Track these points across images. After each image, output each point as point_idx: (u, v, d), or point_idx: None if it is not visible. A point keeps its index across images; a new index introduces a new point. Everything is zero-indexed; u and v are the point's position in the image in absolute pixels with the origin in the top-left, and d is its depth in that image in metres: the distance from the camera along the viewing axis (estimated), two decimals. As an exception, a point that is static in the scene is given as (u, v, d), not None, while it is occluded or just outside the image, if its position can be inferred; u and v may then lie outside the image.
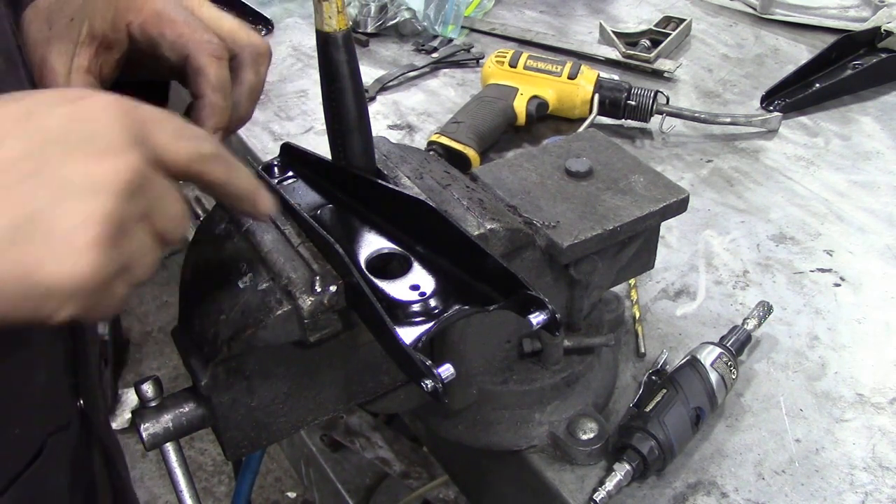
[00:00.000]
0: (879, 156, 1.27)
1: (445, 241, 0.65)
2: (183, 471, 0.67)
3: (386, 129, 1.37)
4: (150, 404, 0.66)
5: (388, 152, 0.77)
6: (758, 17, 1.67)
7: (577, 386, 0.84)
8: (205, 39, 0.60)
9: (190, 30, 0.60)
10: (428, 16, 1.60)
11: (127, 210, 0.44)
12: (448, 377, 0.54)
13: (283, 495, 2.29)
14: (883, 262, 1.06)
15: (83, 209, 0.42)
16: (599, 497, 0.76)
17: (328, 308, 0.61)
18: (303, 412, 0.71)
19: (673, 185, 0.80)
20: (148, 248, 0.46)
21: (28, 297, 0.42)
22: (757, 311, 0.93)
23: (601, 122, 1.34)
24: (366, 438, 1.67)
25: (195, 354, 0.64)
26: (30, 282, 0.41)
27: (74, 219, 0.42)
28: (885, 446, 0.82)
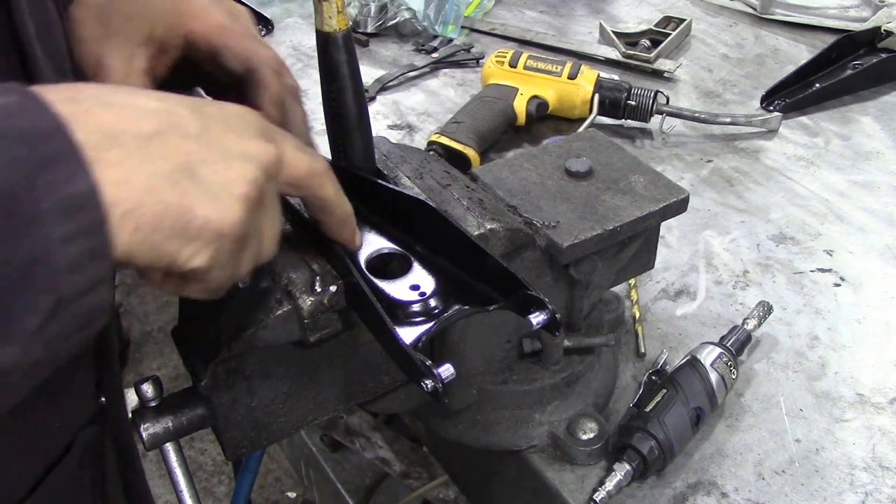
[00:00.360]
0: (879, 156, 1.27)
1: (445, 241, 0.65)
2: (183, 471, 0.67)
3: (386, 129, 1.37)
4: (150, 404, 0.66)
5: (388, 152, 0.77)
6: (758, 17, 1.67)
7: (577, 386, 0.84)
8: (269, 55, 0.63)
9: (254, 44, 0.63)
10: (428, 16, 1.60)
11: (265, 186, 0.50)
12: (448, 377, 0.54)
13: (283, 495, 2.29)
14: (883, 262, 1.06)
15: (237, 168, 0.48)
16: (599, 497, 0.76)
17: (328, 308, 0.61)
18: (303, 412, 0.71)
19: (673, 185, 0.80)
20: (266, 235, 0.52)
21: (178, 233, 0.45)
22: (757, 311, 0.93)
23: (601, 122, 1.34)
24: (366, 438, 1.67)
25: (195, 354, 0.64)
26: (184, 220, 0.45)
27: (230, 174, 0.47)
28: (885, 446, 0.82)
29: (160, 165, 0.45)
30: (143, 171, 0.44)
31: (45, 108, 0.42)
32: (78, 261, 0.42)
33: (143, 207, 0.44)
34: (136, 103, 0.47)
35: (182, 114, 0.48)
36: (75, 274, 0.42)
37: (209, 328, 0.63)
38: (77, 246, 0.41)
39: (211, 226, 0.46)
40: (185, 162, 0.46)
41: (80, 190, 0.42)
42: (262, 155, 0.50)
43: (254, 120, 0.52)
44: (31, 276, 0.40)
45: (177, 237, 0.45)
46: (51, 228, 0.41)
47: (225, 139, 0.49)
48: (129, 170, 0.44)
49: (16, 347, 0.41)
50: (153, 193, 0.44)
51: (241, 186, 0.48)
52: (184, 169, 0.46)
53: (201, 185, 0.46)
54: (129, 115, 0.46)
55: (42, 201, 0.40)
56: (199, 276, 0.49)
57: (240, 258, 0.50)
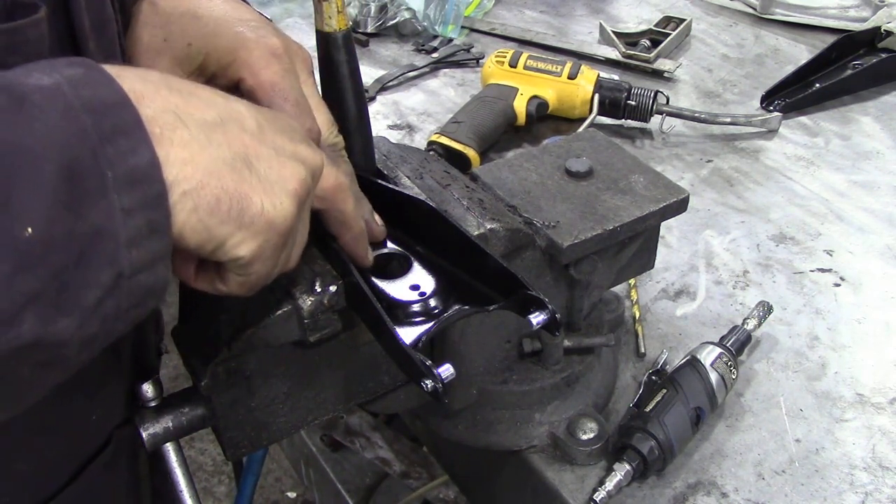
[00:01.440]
0: (879, 156, 1.27)
1: (445, 241, 0.65)
2: (183, 471, 0.67)
3: (386, 129, 1.37)
4: (150, 404, 0.66)
5: (388, 152, 0.77)
6: (758, 17, 1.67)
7: (577, 386, 0.84)
8: (306, 128, 0.61)
9: (297, 112, 0.61)
10: (428, 16, 1.60)
11: (310, 186, 0.52)
12: (448, 377, 0.54)
13: (283, 495, 2.29)
14: (883, 262, 1.06)
15: (290, 166, 0.50)
16: (599, 497, 0.76)
17: (328, 308, 0.61)
18: (303, 412, 0.70)
19: (673, 185, 0.80)
20: (298, 241, 0.54)
21: (233, 219, 0.47)
22: (757, 311, 0.93)
23: (601, 122, 1.34)
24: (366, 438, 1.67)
25: (195, 354, 0.64)
26: (240, 206, 0.47)
27: (284, 171, 0.50)
28: (885, 446, 0.82)
29: (222, 151, 0.47)
30: (206, 155, 0.46)
31: (111, 80, 0.43)
32: (138, 234, 0.42)
33: (205, 189, 0.45)
34: (200, 93, 0.49)
35: (241, 110, 0.50)
36: (135, 248, 0.42)
37: (209, 328, 0.63)
38: (138, 218, 0.42)
39: (264, 216, 0.48)
40: (244, 152, 0.48)
41: (143, 162, 0.42)
42: (310, 159, 0.52)
43: (299, 128, 0.56)
44: (93, 248, 0.41)
45: (231, 222, 0.47)
46: (113, 200, 0.41)
47: (278, 139, 0.51)
48: (194, 151, 0.45)
49: (74, 320, 0.41)
50: (215, 177, 0.46)
51: (293, 183, 0.50)
52: (243, 158, 0.48)
53: (258, 176, 0.48)
54: (195, 102, 0.47)
55: (106, 172, 0.41)
56: (240, 267, 0.50)
57: (279, 256, 0.51)
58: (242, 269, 0.50)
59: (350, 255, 0.62)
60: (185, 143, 0.45)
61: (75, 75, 0.42)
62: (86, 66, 0.43)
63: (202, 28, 0.63)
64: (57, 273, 0.39)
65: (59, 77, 0.41)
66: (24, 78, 0.41)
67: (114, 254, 0.41)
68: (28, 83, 0.41)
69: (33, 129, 0.39)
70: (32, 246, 0.38)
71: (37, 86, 0.41)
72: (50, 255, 0.39)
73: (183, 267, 0.52)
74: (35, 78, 0.41)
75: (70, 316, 0.41)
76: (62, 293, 0.40)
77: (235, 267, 0.50)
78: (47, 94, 0.40)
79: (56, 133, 0.40)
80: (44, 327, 0.40)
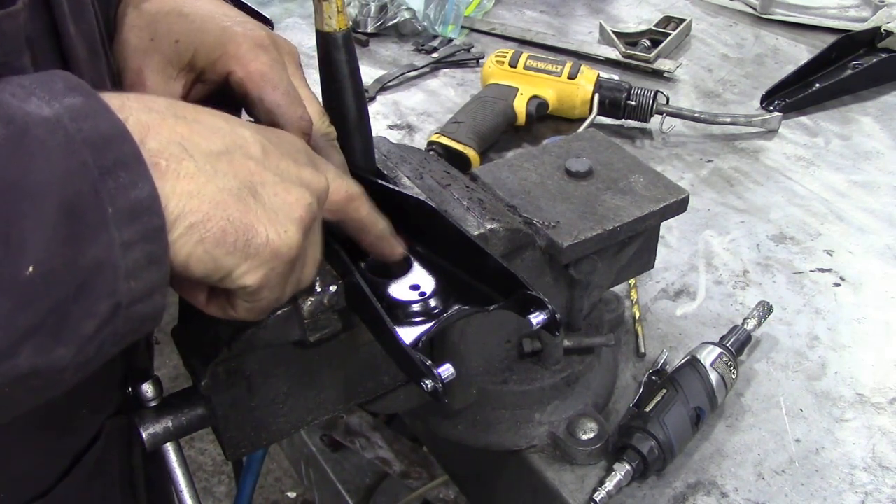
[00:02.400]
0: (879, 156, 1.27)
1: (445, 241, 0.65)
2: (183, 471, 0.67)
3: (386, 129, 1.37)
4: (150, 404, 0.66)
5: (388, 152, 0.77)
6: (758, 17, 1.67)
7: (577, 386, 0.84)
8: (297, 115, 0.61)
9: (287, 101, 0.61)
10: (428, 16, 1.60)
11: (316, 211, 0.52)
12: (448, 377, 0.54)
13: (283, 495, 2.29)
14: (883, 262, 1.06)
15: (295, 192, 0.50)
16: (599, 497, 0.76)
17: (328, 308, 0.61)
18: (303, 412, 0.70)
19: (673, 185, 0.80)
20: (310, 260, 0.54)
21: (239, 250, 0.47)
22: (757, 311, 0.93)
23: (601, 122, 1.34)
24: (366, 438, 1.67)
25: (195, 354, 0.64)
26: (246, 237, 0.47)
27: (289, 197, 0.50)
28: (885, 446, 0.82)
29: (228, 182, 0.47)
30: (212, 186, 0.46)
31: (109, 111, 0.43)
32: (137, 266, 0.42)
33: (211, 221, 0.45)
34: (205, 119, 0.49)
35: (245, 135, 0.50)
36: (133, 280, 0.42)
37: (209, 328, 0.63)
38: (137, 251, 0.42)
39: (270, 245, 0.48)
40: (250, 181, 0.48)
41: (143, 195, 0.42)
42: (315, 182, 0.52)
43: (304, 148, 0.55)
44: (92, 281, 0.41)
45: (237, 253, 0.47)
46: (113, 234, 0.41)
47: (282, 163, 0.51)
48: (200, 183, 0.45)
49: (71, 349, 0.41)
50: (220, 208, 0.46)
51: (299, 210, 0.50)
52: (249, 188, 0.48)
53: (263, 206, 0.48)
54: (201, 131, 0.47)
55: (106, 207, 0.41)
56: (248, 295, 0.50)
57: (287, 281, 0.52)
58: (251, 296, 0.50)
59: (378, 256, 0.63)
60: (191, 175, 0.45)
61: (75, 105, 0.42)
62: (84, 94, 0.43)
63: (188, 25, 0.63)
64: (56, 307, 0.40)
65: (59, 107, 0.41)
66: (24, 105, 0.41)
67: (113, 286, 0.42)
68: (29, 113, 0.40)
69: (35, 165, 0.39)
70: (33, 283, 0.39)
71: (38, 117, 0.40)
72: (50, 291, 0.40)
73: (194, 294, 0.52)
74: (35, 105, 0.41)
75: (67, 346, 0.41)
76: (61, 325, 0.41)
77: (244, 294, 0.50)
78: (48, 128, 0.40)
79: (57, 169, 0.40)
80: (41, 357, 0.40)
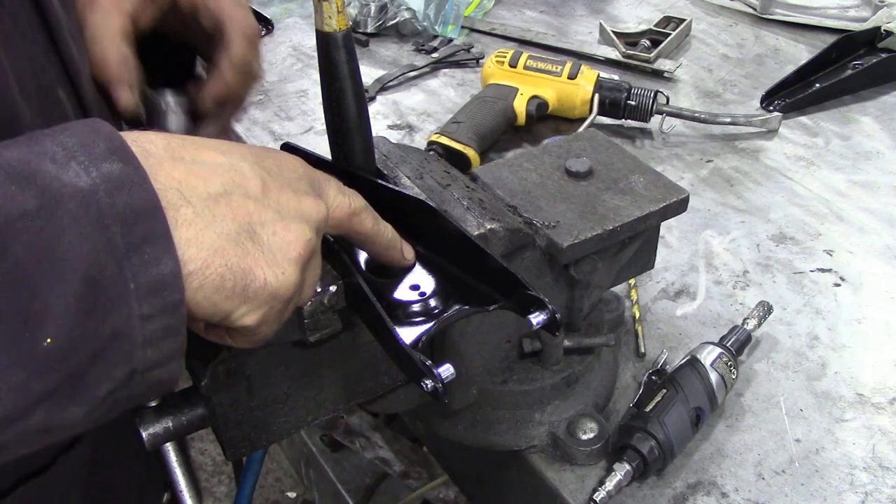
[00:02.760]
0: (879, 156, 1.27)
1: (445, 241, 0.65)
2: (183, 471, 0.67)
3: (386, 129, 1.37)
4: (149, 404, 0.66)
5: (388, 152, 0.77)
6: (758, 17, 1.67)
7: (577, 386, 0.84)
8: (241, 16, 0.63)
9: (231, 6, 0.63)
10: (428, 16, 1.60)
11: (315, 243, 0.52)
12: (448, 377, 0.54)
13: (283, 495, 2.29)
14: (883, 262, 1.06)
15: (294, 229, 0.50)
16: (599, 497, 0.76)
17: (328, 308, 0.61)
18: (303, 412, 0.70)
19: (673, 185, 0.80)
20: (308, 283, 0.53)
21: (237, 294, 0.47)
22: (757, 311, 0.93)
23: (601, 122, 1.34)
24: (366, 438, 1.67)
25: (195, 354, 0.64)
26: (244, 282, 0.47)
27: (288, 235, 0.49)
28: (885, 446, 0.82)
29: (226, 226, 0.47)
30: (211, 232, 0.46)
31: (146, 183, 0.43)
32: (155, 337, 0.43)
33: (209, 268, 0.45)
34: (203, 159, 0.48)
35: (245, 171, 0.49)
36: (151, 349, 0.43)
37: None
38: (156, 323, 0.43)
39: (268, 288, 0.48)
40: (248, 223, 0.48)
41: (166, 272, 0.43)
42: (314, 213, 0.52)
43: (304, 173, 0.55)
44: (109, 349, 0.41)
45: (235, 297, 0.47)
46: (133, 307, 0.42)
47: (282, 198, 0.51)
48: (198, 230, 0.45)
49: (84, 408, 0.42)
50: (219, 255, 0.46)
51: (297, 248, 0.50)
52: (247, 230, 0.48)
53: (261, 247, 0.48)
54: (199, 172, 0.47)
55: (129, 282, 0.41)
56: (247, 331, 0.50)
57: (286, 312, 0.52)
58: (248, 332, 0.51)
59: (388, 264, 0.63)
60: (189, 221, 0.45)
61: (112, 174, 0.42)
62: (123, 160, 0.43)
63: None
64: (71, 374, 0.41)
65: (96, 176, 0.41)
66: (62, 173, 0.41)
67: (129, 354, 0.42)
68: (65, 185, 0.40)
69: (64, 239, 0.40)
70: (50, 353, 0.39)
71: (74, 188, 0.40)
72: (66, 360, 0.40)
73: (193, 324, 0.52)
74: (73, 174, 0.41)
75: (80, 406, 0.42)
76: (75, 389, 0.41)
77: (242, 331, 0.51)
78: (82, 202, 0.40)
79: (86, 244, 0.40)
80: (54, 417, 0.41)
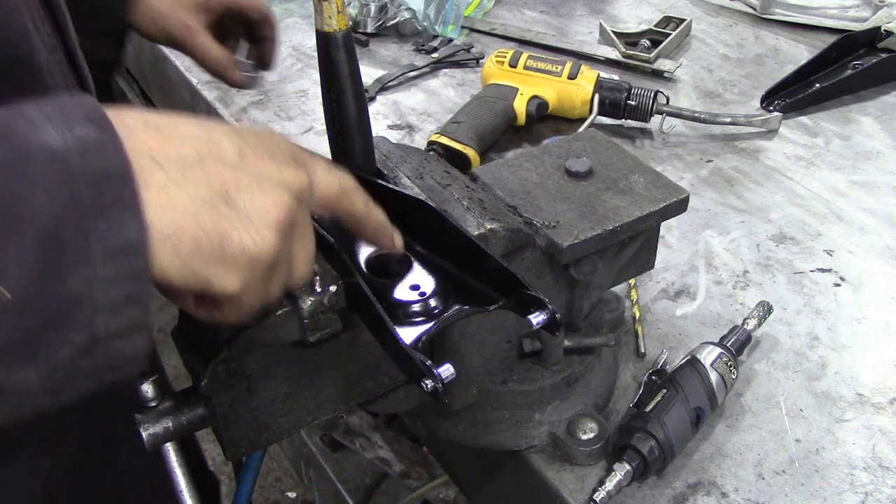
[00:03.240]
0: (879, 156, 1.27)
1: (445, 241, 0.65)
2: (183, 471, 0.67)
3: (386, 129, 1.37)
4: (149, 404, 0.66)
5: (388, 152, 0.77)
6: (758, 17, 1.67)
7: (577, 386, 0.84)
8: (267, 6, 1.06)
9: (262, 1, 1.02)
10: (428, 16, 1.60)
11: (297, 211, 0.51)
12: (448, 377, 0.54)
13: (283, 495, 2.29)
14: (883, 262, 1.06)
15: (273, 194, 0.49)
16: (599, 497, 0.76)
17: (328, 308, 0.61)
18: (303, 412, 0.70)
19: (673, 185, 0.80)
20: (298, 259, 0.53)
21: (214, 259, 0.47)
22: (757, 311, 0.93)
23: (601, 122, 1.34)
24: (366, 438, 1.67)
25: (195, 354, 0.64)
26: (221, 246, 0.46)
27: (265, 201, 0.49)
28: (885, 446, 0.82)
29: (201, 190, 0.46)
30: (184, 196, 0.45)
31: (120, 149, 0.43)
32: (117, 303, 0.43)
33: (184, 233, 0.45)
34: (180, 128, 0.48)
35: (221, 141, 0.49)
36: (112, 316, 0.43)
37: (209, 328, 0.63)
38: (119, 289, 0.42)
39: (246, 252, 0.47)
40: (223, 188, 0.47)
41: (132, 237, 0.42)
42: (294, 181, 0.51)
43: (286, 146, 0.54)
44: (70, 311, 0.41)
45: (213, 262, 0.47)
46: (96, 270, 0.41)
47: (260, 165, 0.50)
48: (171, 194, 0.45)
49: (42, 372, 0.42)
50: (194, 219, 0.45)
51: (275, 213, 0.49)
52: (222, 194, 0.47)
53: (238, 212, 0.48)
54: (173, 140, 0.47)
55: (93, 245, 0.41)
56: (232, 300, 0.50)
57: (271, 282, 0.51)
58: (233, 301, 0.50)
59: (377, 247, 0.63)
60: (162, 186, 0.45)
61: (87, 138, 0.42)
62: (100, 127, 0.43)
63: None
64: (29, 330, 0.40)
65: (70, 138, 0.41)
66: (38, 133, 0.41)
67: (90, 318, 0.42)
68: (37, 140, 0.41)
69: (30, 196, 0.40)
70: (6, 307, 0.39)
71: (46, 147, 0.41)
72: (24, 316, 0.40)
73: (182, 300, 0.52)
74: (48, 135, 0.41)
75: (38, 368, 0.42)
76: (32, 348, 0.41)
77: (226, 301, 0.50)
78: (53, 161, 0.41)
79: (53, 203, 0.40)
80: (9, 376, 0.41)
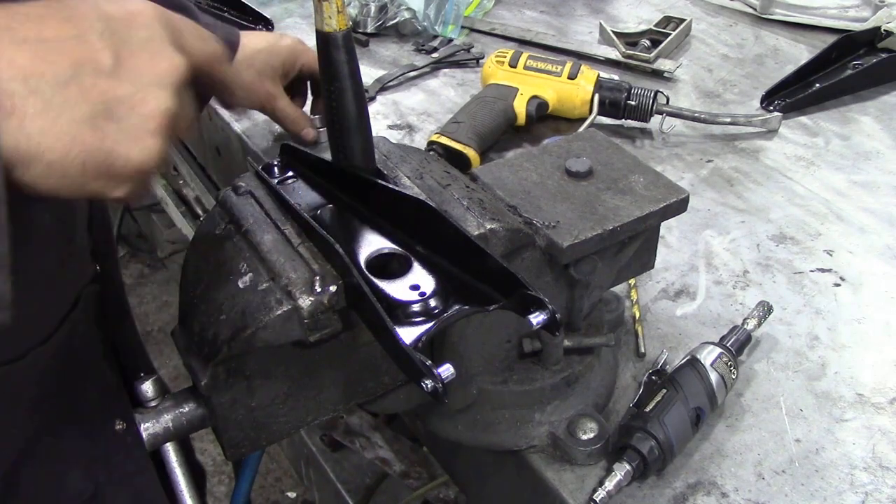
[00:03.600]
0: (879, 156, 1.27)
1: (445, 241, 0.65)
2: (183, 471, 0.67)
3: (386, 129, 1.37)
4: (150, 404, 0.66)
5: (388, 152, 0.77)
6: (758, 17, 1.67)
7: (577, 386, 0.84)
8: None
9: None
10: (428, 16, 1.60)
11: (176, 105, 0.51)
12: (448, 377, 0.54)
13: (283, 495, 2.29)
14: (883, 262, 1.06)
15: (153, 97, 0.49)
16: (599, 497, 0.76)
17: (328, 308, 0.61)
18: (303, 412, 0.71)
19: (673, 185, 0.80)
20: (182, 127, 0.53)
21: (103, 174, 0.47)
22: (757, 311, 0.93)
23: (601, 122, 1.34)
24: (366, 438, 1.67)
25: (195, 354, 0.64)
26: (107, 163, 0.47)
27: (145, 110, 0.48)
28: (885, 446, 0.82)
29: (80, 110, 0.46)
30: (64, 119, 0.45)
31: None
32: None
33: (70, 156, 0.46)
34: (47, 36, 0.46)
35: (93, 42, 0.48)
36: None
37: (209, 328, 0.63)
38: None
39: (131, 164, 0.48)
40: (103, 102, 0.47)
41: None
42: (174, 72, 0.51)
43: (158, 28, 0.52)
44: None
45: (101, 178, 0.48)
46: None
47: (138, 64, 0.49)
48: (50, 119, 0.45)
49: None
50: (77, 141, 0.46)
51: (157, 119, 0.49)
52: (101, 110, 0.47)
53: (120, 125, 0.48)
54: (44, 54, 0.46)
55: None
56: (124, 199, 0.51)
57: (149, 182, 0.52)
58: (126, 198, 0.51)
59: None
60: (39, 112, 0.44)
61: None
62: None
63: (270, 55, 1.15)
64: None
65: None
66: None
67: None
68: None
69: None
70: None
71: None
72: None
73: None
74: None
75: None
76: None
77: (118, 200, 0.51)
78: None
79: None
80: None
